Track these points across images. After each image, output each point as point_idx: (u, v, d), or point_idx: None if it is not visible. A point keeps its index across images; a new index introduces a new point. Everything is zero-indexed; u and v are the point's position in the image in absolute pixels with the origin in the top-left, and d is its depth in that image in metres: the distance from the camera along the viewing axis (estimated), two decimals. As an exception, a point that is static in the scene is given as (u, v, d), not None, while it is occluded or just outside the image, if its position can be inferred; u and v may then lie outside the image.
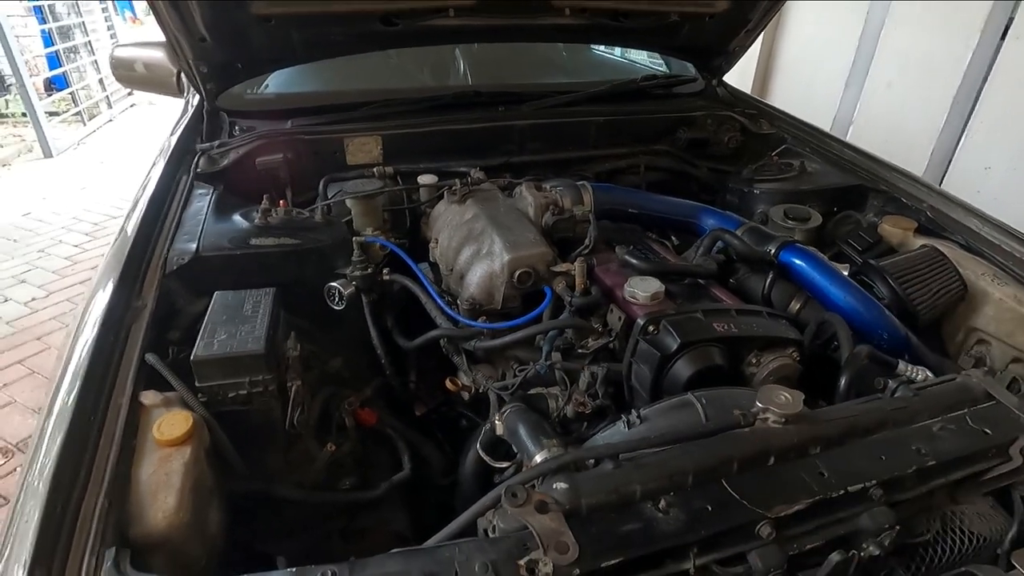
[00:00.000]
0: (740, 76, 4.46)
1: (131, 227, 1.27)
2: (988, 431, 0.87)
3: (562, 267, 1.23)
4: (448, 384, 1.25)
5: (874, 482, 0.78)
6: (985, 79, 3.26)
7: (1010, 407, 0.92)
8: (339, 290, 1.27)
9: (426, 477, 1.30)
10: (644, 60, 2.65)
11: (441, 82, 2.29)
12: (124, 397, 0.88)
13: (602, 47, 2.68)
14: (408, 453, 1.24)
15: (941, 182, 3.49)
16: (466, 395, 1.25)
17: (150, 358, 0.96)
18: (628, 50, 2.64)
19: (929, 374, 1.08)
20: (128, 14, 12.64)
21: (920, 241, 1.50)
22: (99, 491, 0.75)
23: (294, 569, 0.66)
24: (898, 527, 0.76)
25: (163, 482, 0.80)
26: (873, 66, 3.89)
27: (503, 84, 2.12)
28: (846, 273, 1.35)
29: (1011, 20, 3.08)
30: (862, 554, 0.73)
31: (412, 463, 1.22)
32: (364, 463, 1.21)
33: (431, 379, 1.42)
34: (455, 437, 1.39)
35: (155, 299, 1.09)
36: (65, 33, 7.33)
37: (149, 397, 0.90)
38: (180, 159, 1.59)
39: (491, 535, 0.76)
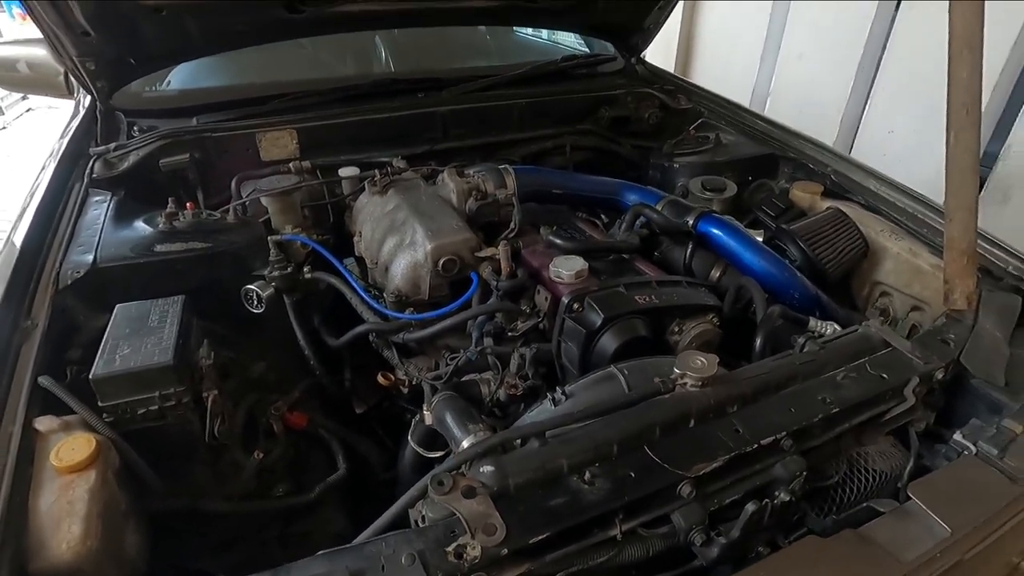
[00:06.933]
0: (664, 57, 4.56)
1: (18, 240, 1.17)
2: (885, 375, 0.94)
3: (487, 252, 1.23)
4: (380, 379, 1.23)
5: (784, 433, 0.83)
6: (884, 47, 3.47)
7: (903, 351, 0.99)
8: (256, 292, 1.21)
9: (367, 474, 1.28)
10: (568, 42, 2.65)
11: (362, 71, 2.21)
12: (15, 425, 0.82)
13: (529, 30, 2.66)
14: (343, 453, 1.21)
15: (851, 148, 3.70)
16: (404, 389, 1.24)
17: (44, 381, 0.90)
18: (554, 33, 2.64)
19: (837, 328, 1.15)
20: (17, 10, 11.50)
21: (827, 203, 1.59)
22: None
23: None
24: (807, 473, 0.80)
25: (66, 511, 0.75)
26: (785, 39, 4.05)
27: (422, 70, 2.07)
28: (761, 239, 1.42)
29: (904, -11, 3.27)
30: (775, 502, 0.77)
31: (349, 462, 1.20)
32: (298, 467, 1.18)
33: (369, 375, 1.39)
34: (399, 431, 1.37)
35: (47, 317, 1.01)
36: (-58, 33, 6.65)
37: (44, 423, 0.84)
38: (72, 164, 1.46)
39: (421, 525, 0.75)
